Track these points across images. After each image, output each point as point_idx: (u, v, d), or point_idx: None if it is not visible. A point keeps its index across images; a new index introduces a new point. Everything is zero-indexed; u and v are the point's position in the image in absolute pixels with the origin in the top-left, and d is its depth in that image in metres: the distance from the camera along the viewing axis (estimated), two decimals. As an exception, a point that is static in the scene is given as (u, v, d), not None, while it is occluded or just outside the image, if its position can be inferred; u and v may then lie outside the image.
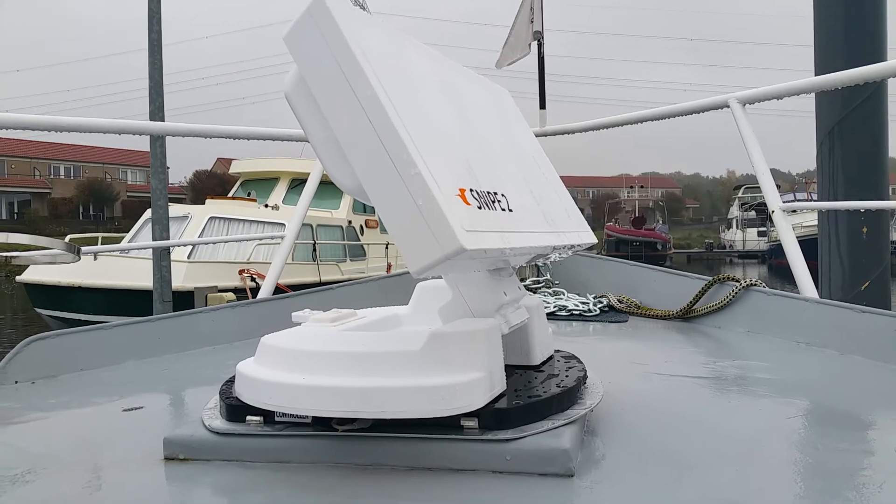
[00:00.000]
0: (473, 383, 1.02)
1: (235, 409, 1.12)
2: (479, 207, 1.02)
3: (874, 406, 1.48)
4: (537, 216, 1.28)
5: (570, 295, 2.98)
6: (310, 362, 1.06)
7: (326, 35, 0.98)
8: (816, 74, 4.77)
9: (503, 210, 1.12)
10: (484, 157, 1.19)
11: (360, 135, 0.96)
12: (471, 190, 1.02)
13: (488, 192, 1.09)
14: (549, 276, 3.25)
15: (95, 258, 11.61)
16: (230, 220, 14.80)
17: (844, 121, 5.00)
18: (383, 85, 0.96)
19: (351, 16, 1.02)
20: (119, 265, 12.33)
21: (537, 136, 3.89)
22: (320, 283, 11.51)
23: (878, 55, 4.94)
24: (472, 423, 1.02)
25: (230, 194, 18.84)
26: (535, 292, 3.07)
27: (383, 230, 18.81)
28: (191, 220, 14.52)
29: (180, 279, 11.85)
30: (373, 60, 0.98)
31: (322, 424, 1.06)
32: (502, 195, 1.15)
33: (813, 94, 4.73)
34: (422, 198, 0.91)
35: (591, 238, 1.50)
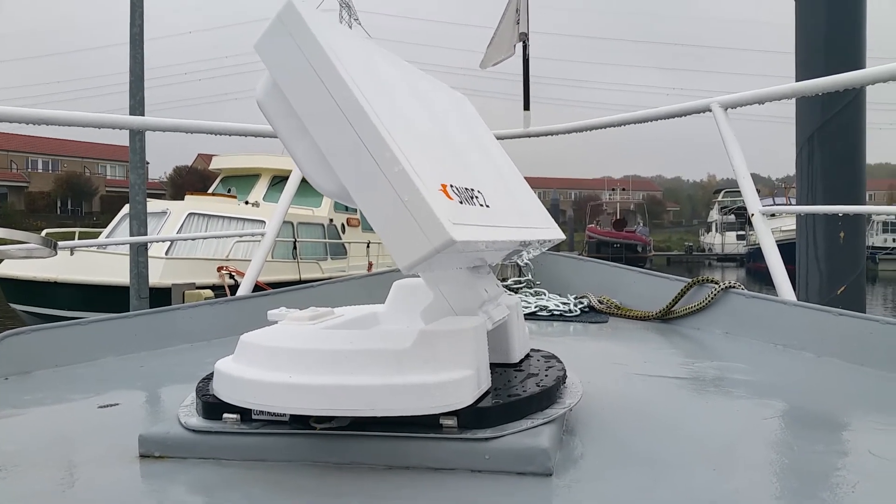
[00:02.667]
0: (463, 381, 1.02)
1: (212, 407, 1.11)
2: (461, 202, 1.02)
3: (850, 408, 1.50)
4: (511, 212, 1.28)
5: (551, 295, 2.99)
6: (294, 360, 1.05)
7: (299, 40, 0.98)
8: (797, 80, 4.83)
9: (482, 206, 1.12)
10: (457, 156, 1.20)
11: (339, 136, 0.95)
12: (451, 185, 1.02)
13: (466, 189, 1.09)
14: (530, 277, 3.25)
15: (72, 253, 11.49)
16: (209, 216, 14.69)
17: (824, 127, 5.07)
18: (359, 86, 0.97)
19: (321, 21, 1.03)
20: (96, 260, 12.19)
21: (521, 137, 3.91)
22: (300, 282, 11.48)
23: (858, 62, 5.01)
24: (452, 421, 1.02)
25: (210, 191, 18.71)
26: (516, 292, 3.08)
27: (365, 228, 18.80)
28: (169, 216, 14.41)
29: (158, 275, 11.75)
30: (346, 62, 0.99)
31: (299, 423, 1.06)
32: (479, 192, 1.15)
33: (793, 100, 4.78)
34: (407, 193, 0.91)
35: (559, 234, 1.52)
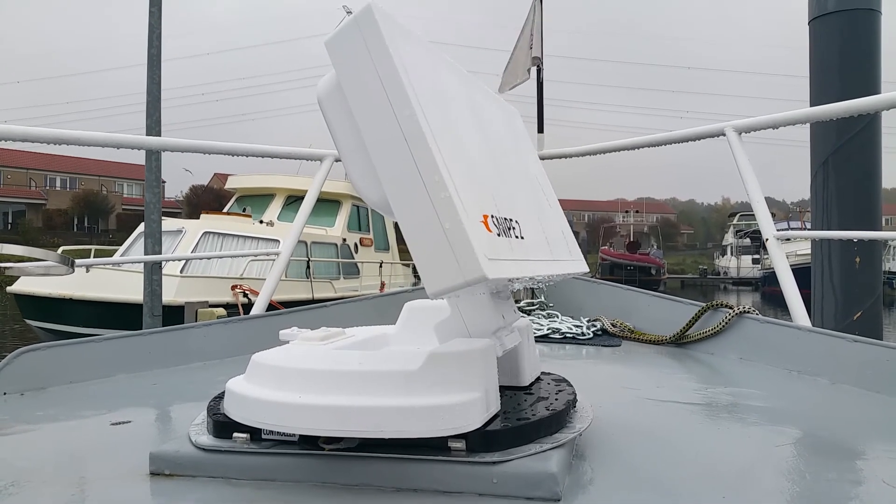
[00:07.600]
0: (472, 403, 1.02)
1: (222, 426, 1.11)
2: (499, 235, 1.03)
3: (864, 436, 1.48)
4: (542, 244, 1.29)
5: (563, 318, 2.98)
6: (304, 381, 1.05)
7: (371, 47, 0.98)
8: (812, 105, 4.82)
9: (516, 238, 1.12)
10: (502, 183, 1.20)
11: (393, 151, 0.95)
12: (492, 216, 1.03)
13: (505, 219, 1.10)
14: (543, 299, 3.25)
15: (88, 270, 11.57)
16: (224, 235, 14.77)
17: (838, 151, 5.05)
18: (421, 104, 0.97)
19: (394, 29, 1.02)
20: (111, 278, 12.27)
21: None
22: (313, 301, 11.47)
23: (872, 88, 5.00)
24: (460, 444, 1.02)
25: (225, 210, 18.81)
26: (528, 314, 3.07)
27: (377, 248, 18.83)
28: (185, 234, 14.49)
29: (172, 293, 11.80)
30: (413, 77, 0.99)
31: (309, 443, 1.06)
32: (516, 222, 1.15)
33: (808, 125, 4.77)
34: (449, 221, 0.91)
35: (583, 267, 1.52)
